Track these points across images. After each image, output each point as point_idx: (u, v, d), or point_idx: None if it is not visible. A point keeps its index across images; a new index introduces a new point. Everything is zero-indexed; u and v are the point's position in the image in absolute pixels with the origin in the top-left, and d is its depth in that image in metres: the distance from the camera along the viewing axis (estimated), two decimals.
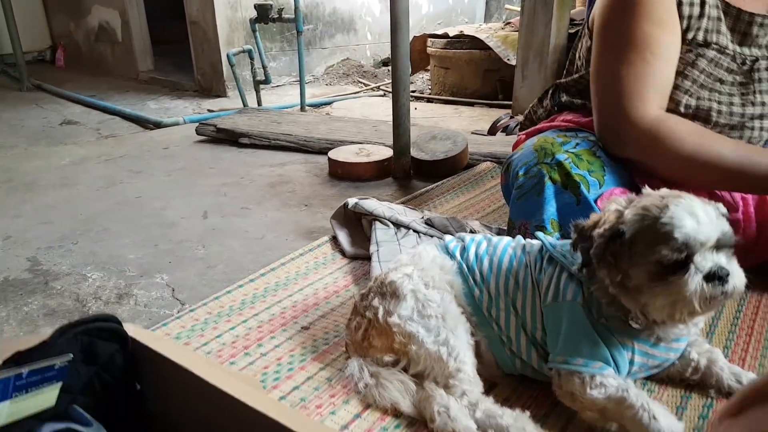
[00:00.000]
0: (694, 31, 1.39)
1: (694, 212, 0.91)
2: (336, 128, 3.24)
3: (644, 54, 1.34)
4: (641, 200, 0.98)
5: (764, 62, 1.42)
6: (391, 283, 1.15)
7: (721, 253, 0.92)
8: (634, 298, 0.96)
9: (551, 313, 1.06)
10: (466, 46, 4.59)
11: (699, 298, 0.89)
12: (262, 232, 2.03)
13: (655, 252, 0.91)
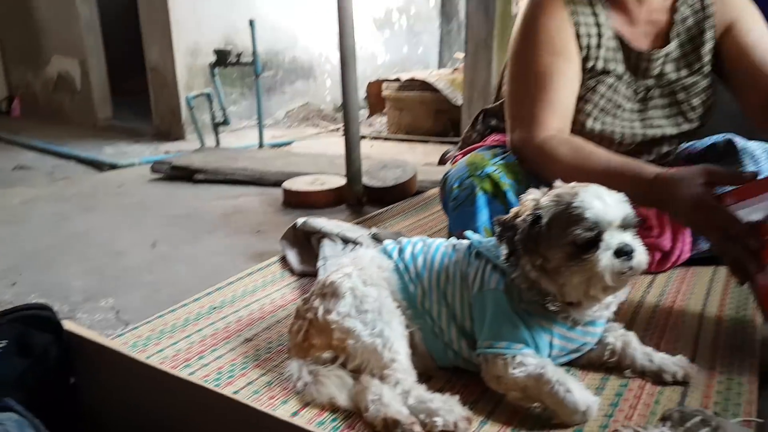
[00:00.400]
0: (593, 60, 1.52)
1: (601, 197, 1.00)
2: (292, 162, 3.28)
3: (544, 81, 1.46)
4: (554, 190, 1.07)
5: (657, 90, 1.56)
6: (331, 283, 1.18)
7: (627, 233, 1.01)
8: (554, 280, 1.03)
9: (478, 302, 1.13)
10: (418, 89, 4.80)
11: (610, 272, 0.97)
12: (212, 258, 2.03)
13: (570, 233, 0.99)
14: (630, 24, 1.55)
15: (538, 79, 1.48)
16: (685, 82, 1.56)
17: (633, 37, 1.55)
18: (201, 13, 5.08)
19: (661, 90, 1.57)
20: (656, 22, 1.56)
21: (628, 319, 1.39)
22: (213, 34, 5.19)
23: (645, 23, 1.56)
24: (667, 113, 1.58)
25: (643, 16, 1.55)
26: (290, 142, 4.73)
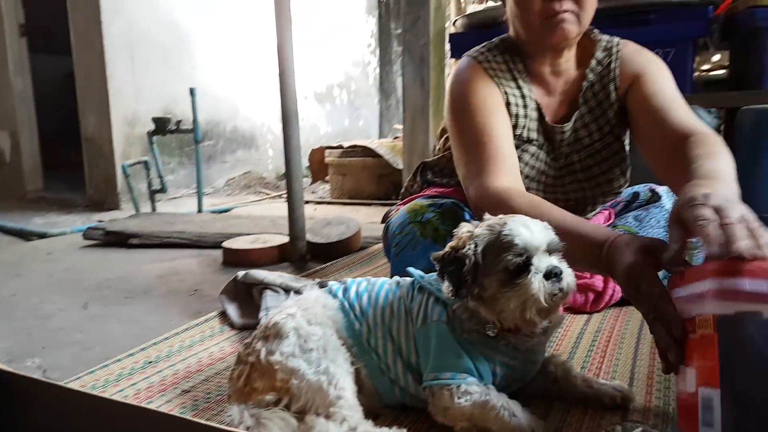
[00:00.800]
0: (521, 128, 1.61)
1: (527, 225, 1.05)
2: (232, 224, 3.24)
3: (483, 139, 1.50)
4: (484, 222, 1.10)
5: (575, 156, 1.66)
6: (274, 324, 1.16)
7: (553, 256, 1.04)
8: (491, 308, 1.05)
9: (421, 335, 1.13)
10: (360, 155, 4.94)
11: (543, 294, 1.00)
12: (146, 316, 1.96)
13: (502, 260, 1.02)
14: (548, 95, 1.66)
15: (478, 137, 1.51)
16: (599, 145, 1.65)
17: (550, 107, 1.65)
18: (141, 83, 5.09)
19: (579, 155, 1.65)
20: (569, 92, 1.66)
21: (568, 356, 1.44)
22: (153, 103, 5.18)
23: (560, 93, 1.66)
24: (588, 175, 1.66)
25: (559, 86, 1.65)
26: (230, 208, 4.69)
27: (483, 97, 1.56)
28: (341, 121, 8.23)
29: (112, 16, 4.82)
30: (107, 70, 4.80)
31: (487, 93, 1.57)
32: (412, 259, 1.56)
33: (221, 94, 5.92)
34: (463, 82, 1.61)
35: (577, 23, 1.50)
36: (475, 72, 1.61)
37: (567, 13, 1.47)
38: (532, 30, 1.54)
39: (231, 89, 6.06)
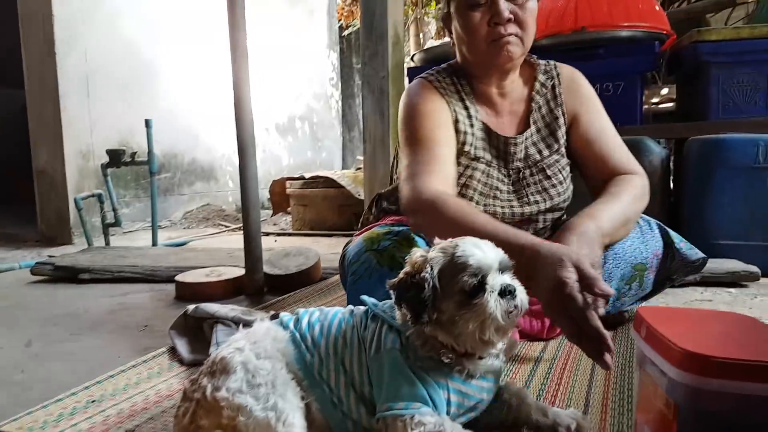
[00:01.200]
0: (469, 145, 1.70)
1: (478, 245, 1.05)
2: (187, 257, 3.17)
3: (427, 145, 1.63)
4: (436, 246, 1.09)
5: (527, 171, 1.74)
6: (221, 359, 1.12)
7: (505, 274, 1.05)
8: (449, 331, 1.04)
9: (375, 364, 1.10)
10: (321, 186, 4.91)
11: (500, 312, 1.00)
12: (92, 354, 1.88)
13: (458, 281, 1.01)
14: (496, 116, 1.76)
15: (423, 143, 1.63)
16: (548, 161, 1.74)
17: (499, 126, 1.75)
18: (96, 115, 5.01)
19: (530, 170, 1.73)
20: (517, 112, 1.78)
21: (524, 383, 1.43)
22: (108, 135, 5.10)
23: (508, 113, 1.77)
24: (540, 189, 1.73)
25: (506, 107, 1.77)
26: (186, 242, 4.60)
27: (432, 110, 1.68)
28: (304, 152, 8.23)
29: (66, 48, 4.75)
30: (61, 103, 4.71)
31: (436, 107, 1.69)
32: (369, 287, 1.54)
33: (179, 125, 5.87)
34: (414, 96, 1.73)
35: (520, 45, 1.64)
36: (426, 89, 1.73)
37: (511, 36, 1.62)
38: (479, 53, 1.67)
39: (190, 121, 6.02)
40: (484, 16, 1.61)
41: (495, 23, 1.60)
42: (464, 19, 1.65)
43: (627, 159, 1.71)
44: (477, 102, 1.75)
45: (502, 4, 1.59)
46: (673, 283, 1.86)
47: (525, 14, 1.62)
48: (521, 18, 1.61)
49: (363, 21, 3.57)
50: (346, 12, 7.74)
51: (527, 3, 1.63)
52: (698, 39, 3.11)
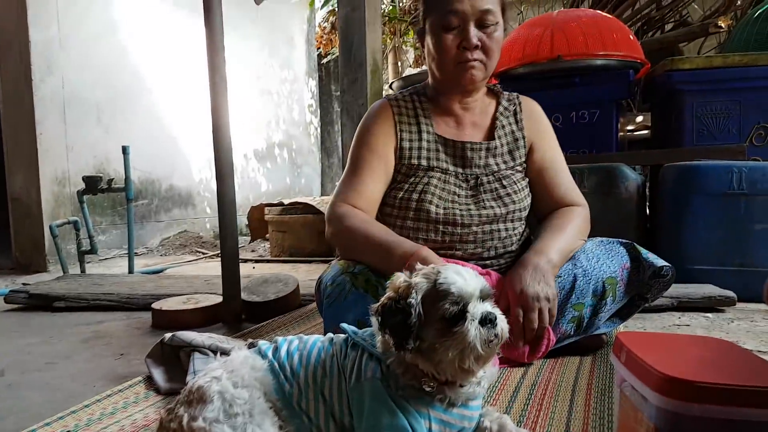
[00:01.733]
0: (423, 159, 1.86)
1: (460, 272, 1.05)
2: (164, 285, 3.13)
3: (360, 166, 1.85)
4: (418, 271, 1.09)
5: (485, 178, 1.86)
6: (198, 388, 1.10)
7: (486, 303, 1.05)
8: (430, 359, 1.03)
9: (355, 394, 1.09)
10: (300, 212, 4.89)
11: (480, 341, 0.99)
12: (67, 383, 1.83)
13: (439, 309, 1.01)
14: (456, 127, 1.91)
15: (357, 165, 1.85)
16: (505, 173, 1.88)
17: (458, 135, 1.90)
18: (72, 141, 4.97)
19: (488, 178, 1.85)
20: (479, 125, 1.93)
21: (505, 409, 1.42)
22: (84, 162, 5.06)
23: (470, 125, 1.92)
24: (495, 196, 1.83)
25: (468, 119, 1.92)
26: (163, 269, 4.54)
27: (376, 136, 1.86)
28: (283, 179, 8.23)
29: (43, 74, 4.73)
30: (37, 129, 4.67)
31: (380, 133, 1.87)
32: (344, 309, 1.59)
33: (157, 151, 5.84)
34: (367, 117, 1.93)
35: (483, 70, 1.81)
36: (381, 112, 1.90)
37: (476, 61, 1.78)
38: (446, 72, 1.83)
39: (167, 147, 5.99)
40: (455, 39, 1.77)
41: (464, 47, 1.76)
42: (437, 39, 1.80)
43: (572, 191, 1.92)
44: (436, 117, 1.91)
45: (472, 31, 1.75)
46: (647, 303, 1.89)
47: (491, 42, 1.78)
48: (487, 45, 1.78)
49: (342, 49, 3.60)
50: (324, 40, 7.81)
51: (494, 33, 1.78)
52: (672, 67, 3.18)
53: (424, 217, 1.79)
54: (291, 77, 8.42)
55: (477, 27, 1.76)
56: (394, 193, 1.85)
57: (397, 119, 1.88)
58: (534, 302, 1.58)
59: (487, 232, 1.81)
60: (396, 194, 1.84)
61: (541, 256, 1.67)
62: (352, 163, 1.87)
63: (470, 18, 1.75)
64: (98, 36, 5.26)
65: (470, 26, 1.75)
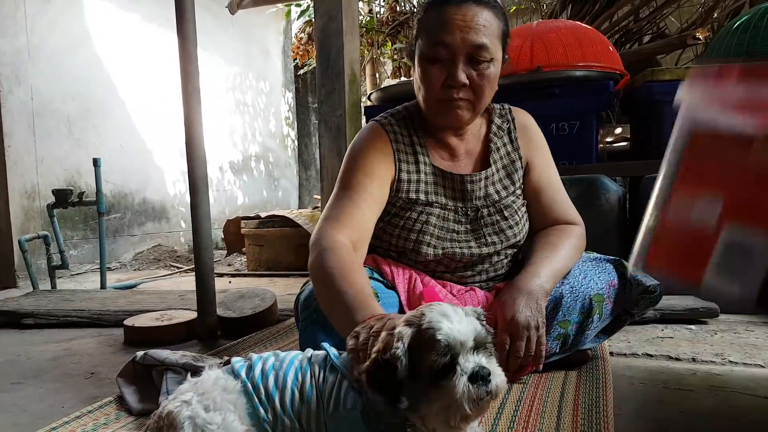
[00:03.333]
0: (414, 192, 1.71)
1: (448, 315, 0.96)
2: (137, 300, 3.04)
3: (353, 191, 1.63)
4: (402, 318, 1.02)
5: (485, 210, 1.75)
6: (168, 414, 1.05)
7: (481, 354, 0.97)
8: (416, 411, 0.97)
9: (333, 423, 1.04)
10: (278, 225, 4.82)
11: (468, 400, 0.93)
12: (34, 404, 1.75)
13: (426, 359, 0.94)
14: (452, 158, 1.77)
15: (350, 189, 1.64)
16: (506, 202, 1.76)
17: (455, 167, 1.77)
18: (42, 154, 4.86)
19: (488, 210, 1.74)
20: (473, 153, 1.79)
21: (490, 428, 1.37)
22: (55, 175, 4.95)
23: (465, 154, 1.79)
24: (497, 230, 1.74)
25: (463, 148, 1.78)
26: (136, 284, 4.43)
27: (372, 159, 1.68)
28: (259, 191, 8.15)
29: (11, 85, 4.62)
30: (5, 141, 4.56)
31: (378, 158, 1.69)
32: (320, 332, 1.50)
33: (129, 164, 5.74)
34: (361, 140, 1.73)
35: (471, 111, 1.66)
36: (376, 136, 1.73)
37: (462, 101, 1.62)
38: (429, 107, 1.69)
39: (140, 159, 5.89)
40: (441, 73, 1.60)
41: (449, 85, 1.60)
42: (422, 69, 1.65)
43: (568, 209, 1.83)
44: (431, 147, 1.76)
45: (460, 68, 1.58)
46: (633, 318, 1.86)
47: (482, 81, 1.60)
48: (476, 84, 1.60)
49: (319, 59, 3.56)
50: (301, 51, 7.76)
51: (487, 70, 1.60)
52: (651, 78, 3.20)
53: (422, 259, 1.71)
54: (267, 89, 8.37)
55: (467, 63, 1.58)
56: (389, 229, 1.73)
57: (395, 147, 1.72)
58: (523, 331, 1.50)
59: (482, 263, 1.77)
60: (392, 231, 1.72)
61: (534, 280, 1.58)
62: (345, 187, 1.65)
63: (460, 53, 1.57)
64: (69, 47, 5.16)
65: (459, 62, 1.57)
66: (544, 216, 1.81)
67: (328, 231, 1.54)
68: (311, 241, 1.57)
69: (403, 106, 1.84)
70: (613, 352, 2.03)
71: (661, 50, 5.12)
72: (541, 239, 1.75)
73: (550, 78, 3.32)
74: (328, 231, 1.54)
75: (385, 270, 1.72)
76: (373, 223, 1.66)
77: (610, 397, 1.54)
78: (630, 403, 1.55)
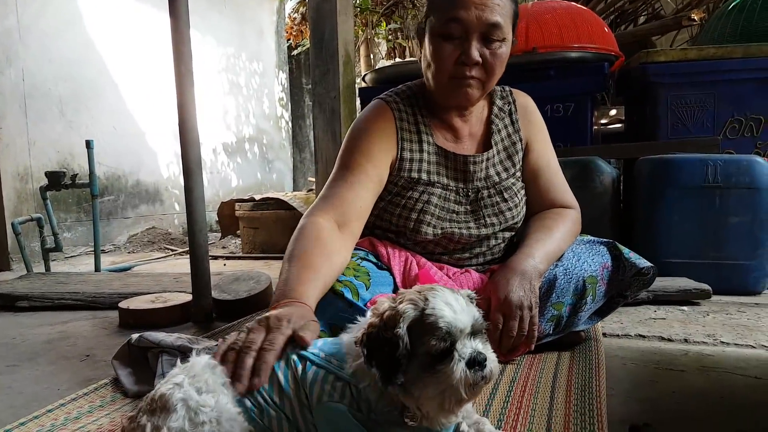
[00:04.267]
0: (416, 172, 1.71)
1: (449, 302, 0.97)
2: (132, 282, 3.04)
3: (346, 174, 1.64)
4: (404, 296, 1.01)
5: (485, 191, 1.76)
6: (161, 396, 1.04)
7: (477, 339, 0.97)
8: (409, 393, 0.96)
9: (320, 415, 1.03)
10: (272, 207, 4.82)
11: (464, 384, 0.93)
12: (30, 387, 1.75)
13: (425, 343, 0.94)
14: (455, 139, 1.78)
15: (343, 171, 1.64)
16: (506, 184, 1.77)
17: (458, 148, 1.75)
18: (34, 136, 4.82)
19: (489, 191, 1.75)
20: (475, 134, 1.81)
21: (484, 409, 1.38)
22: (48, 157, 4.92)
23: (468, 136, 1.78)
24: (497, 211, 1.75)
25: (466, 130, 1.79)
26: (130, 266, 4.43)
27: (374, 142, 1.68)
28: (253, 174, 8.12)
29: (2, 66, 4.57)
30: None
31: (381, 139, 1.69)
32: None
33: (123, 146, 5.70)
34: (365, 119, 1.74)
35: (480, 89, 1.66)
36: (381, 114, 1.73)
37: (474, 79, 1.62)
38: (440, 85, 1.68)
39: (134, 142, 5.85)
40: (455, 51, 1.59)
41: (462, 62, 1.59)
42: (434, 47, 1.63)
43: (565, 193, 1.85)
44: (435, 127, 1.76)
45: (474, 45, 1.57)
46: (626, 300, 1.87)
47: (494, 60, 1.61)
48: (489, 63, 1.60)
49: (313, 40, 3.53)
50: (295, 31, 7.70)
51: (500, 50, 1.61)
52: (647, 60, 3.19)
53: (421, 239, 1.72)
54: (260, 70, 8.30)
55: (480, 41, 1.58)
56: (390, 208, 1.73)
57: (399, 126, 1.72)
58: (516, 311, 1.53)
59: (480, 244, 1.78)
60: (393, 210, 1.72)
61: (528, 261, 1.61)
62: (342, 166, 1.66)
63: (474, 30, 1.56)
64: (60, 27, 5.10)
65: (473, 39, 1.57)
66: (540, 198, 1.83)
67: (312, 212, 1.57)
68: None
69: (406, 85, 1.83)
70: (606, 333, 2.04)
71: (656, 31, 5.11)
72: (537, 222, 1.77)
73: (545, 59, 3.30)
74: (312, 212, 1.57)
75: (381, 252, 1.73)
76: (368, 202, 1.65)
77: (602, 378, 1.55)
78: (623, 384, 1.56)
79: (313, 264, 1.40)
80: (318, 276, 1.38)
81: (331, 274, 1.45)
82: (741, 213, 2.63)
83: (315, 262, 1.41)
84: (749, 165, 2.64)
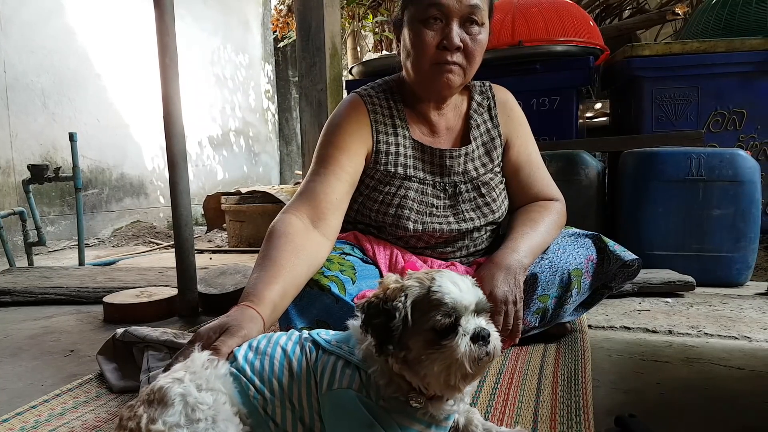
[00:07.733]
0: (393, 166, 1.71)
1: (456, 281, 0.99)
2: (116, 277, 3.02)
3: (320, 169, 1.64)
4: (411, 275, 1.03)
5: (463, 186, 1.76)
6: (159, 389, 1.03)
7: (481, 317, 0.99)
8: (415, 371, 0.97)
9: (327, 402, 1.03)
10: (259, 201, 4.80)
11: (469, 359, 0.94)
12: (13, 383, 1.73)
13: (430, 319, 0.95)
14: (432, 134, 1.77)
15: (318, 166, 1.65)
16: (484, 179, 1.77)
17: (435, 142, 1.75)
18: (16, 129, 4.75)
19: (466, 186, 1.75)
20: (453, 129, 1.80)
21: (471, 401, 1.38)
22: (30, 150, 4.86)
23: (445, 130, 1.78)
24: (474, 206, 1.75)
25: (443, 124, 1.79)
26: (115, 260, 4.39)
27: (347, 135, 1.68)
28: (239, 167, 8.08)
29: None
30: None
31: (354, 132, 1.69)
32: (300, 310, 1.52)
33: (107, 139, 5.65)
34: (339, 113, 1.73)
35: (461, 76, 1.65)
36: (355, 108, 1.73)
37: (455, 65, 1.62)
38: (421, 71, 1.67)
39: (118, 135, 5.80)
40: (435, 36, 1.60)
41: (443, 47, 1.60)
42: (415, 33, 1.63)
43: (548, 186, 1.84)
44: (411, 121, 1.76)
45: (455, 29, 1.58)
46: (611, 291, 1.89)
47: (474, 46, 1.62)
48: (470, 49, 1.62)
49: (299, 32, 3.51)
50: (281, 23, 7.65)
51: (479, 35, 1.63)
52: (631, 54, 3.21)
53: (401, 234, 1.72)
54: (246, 62, 8.25)
55: (461, 26, 1.59)
56: (369, 204, 1.73)
57: (372, 118, 1.72)
58: (501, 306, 1.52)
59: (472, 237, 1.78)
60: (371, 206, 1.72)
61: (513, 255, 1.60)
62: (318, 162, 1.66)
63: (455, 14, 1.58)
64: (42, 18, 5.03)
65: (453, 23, 1.58)
66: (523, 193, 1.83)
67: (285, 209, 1.58)
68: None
69: (383, 79, 1.83)
70: (592, 325, 2.06)
71: (640, 25, 5.13)
72: (521, 215, 1.77)
73: (531, 53, 3.31)
74: (285, 209, 1.58)
75: (366, 247, 1.73)
76: (344, 193, 1.64)
77: (588, 369, 1.56)
78: (608, 375, 1.58)
79: (277, 261, 1.40)
80: (280, 273, 1.38)
81: (299, 269, 1.43)
82: (724, 206, 2.66)
83: (279, 259, 1.41)
84: (732, 158, 2.66)
